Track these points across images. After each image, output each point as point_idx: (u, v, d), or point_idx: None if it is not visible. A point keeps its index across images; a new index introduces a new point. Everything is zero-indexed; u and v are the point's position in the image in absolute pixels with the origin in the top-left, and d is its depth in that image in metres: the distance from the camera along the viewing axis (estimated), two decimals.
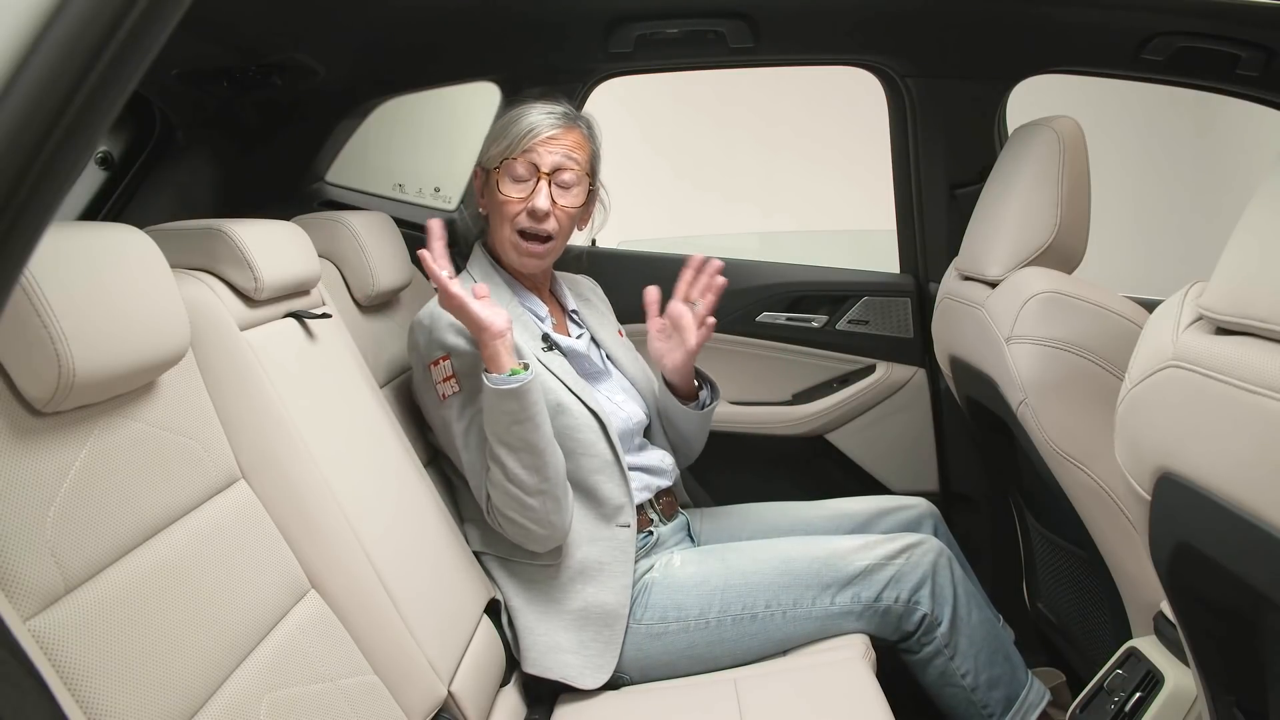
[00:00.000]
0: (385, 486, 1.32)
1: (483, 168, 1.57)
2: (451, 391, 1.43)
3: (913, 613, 1.45)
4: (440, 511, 1.44)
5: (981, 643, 1.47)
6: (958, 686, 1.45)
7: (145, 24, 0.51)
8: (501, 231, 1.53)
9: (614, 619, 1.45)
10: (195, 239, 1.18)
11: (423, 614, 1.22)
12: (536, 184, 1.50)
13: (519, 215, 1.51)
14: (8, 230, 0.50)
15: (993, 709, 1.46)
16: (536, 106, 1.55)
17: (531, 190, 1.50)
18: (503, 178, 1.51)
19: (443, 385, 1.43)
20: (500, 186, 1.51)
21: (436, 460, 1.59)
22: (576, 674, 1.43)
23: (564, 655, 1.44)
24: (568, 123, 1.54)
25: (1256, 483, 0.65)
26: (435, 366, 1.43)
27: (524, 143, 1.50)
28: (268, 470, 1.11)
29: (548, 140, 1.51)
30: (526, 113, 1.53)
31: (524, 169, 1.50)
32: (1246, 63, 1.80)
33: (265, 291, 1.20)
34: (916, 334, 2.09)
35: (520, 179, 1.51)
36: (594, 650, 1.44)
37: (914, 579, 1.45)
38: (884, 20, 1.91)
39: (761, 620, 1.45)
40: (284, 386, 1.17)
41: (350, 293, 1.59)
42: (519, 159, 1.50)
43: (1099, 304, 1.35)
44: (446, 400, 1.43)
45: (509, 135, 1.52)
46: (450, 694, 1.23)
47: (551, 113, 1.53)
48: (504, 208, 1.51)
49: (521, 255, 1.54)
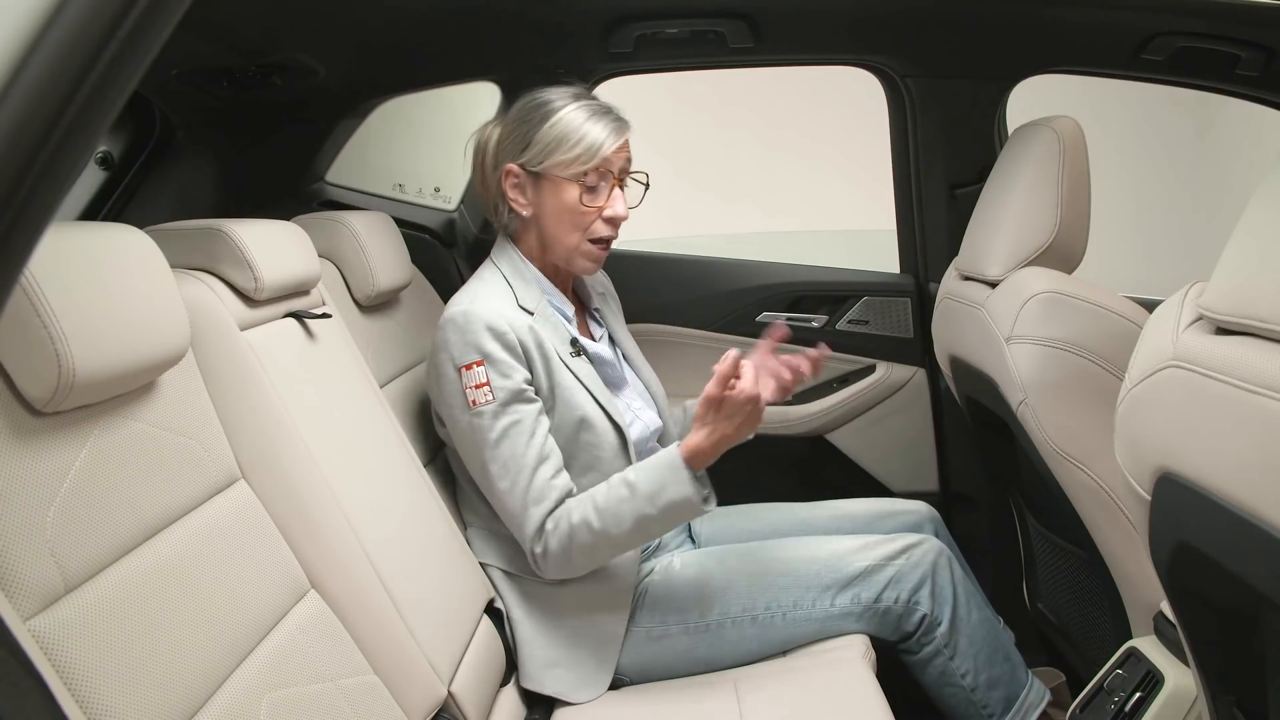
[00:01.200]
0: (386, 486, 1.32)
1: (528, 169, 1.47)
2: (484, 400, 1.37)
3: (913, 613, 1.45)
4: (441, 511, 1.44)
5: (981, 643, 1.46)
6: (957, 686, 1.45)
7: (145, 24, 0.51)
8: (567, 239, 1.47)
9: (610, 638, 1.45)
10: (195, 239, 1.18)
11: (423, 614, 1.22)
12: (610, 191, 1.47)
13: (595, 224, 1.46)
14: (8, 230, 0.50)
15: (993, 709, 1.46)
16: (589, 105, 1.47)
17: (606, 198, 1.47)
18: (579, 189, 1.44)
19: (475, 391, 1.37)
20: (583, 198, 1.45)
21: (436, 460, 1.59)
22: (569, 689, 1.43)
23: (558, 670, 1.44)
24: (624, 122, 1.49)
25: (1256, 482, 0.65)
26: (468, 370, 1.38)
27: (603, 152, 1.43)
28: (268, 470, 1.11)
29: (619, 144, 1.46)
30: (589, 117, 1.45)
31: (598, 177, 1.45)
32: (1246, 63, 1.80)
33: (265, 291, 1.20)
34: (916, 334, 2.09)
35: (595, 188, 1.46)
36: (589, 667, 1.44)
37: (914, 579, 1.45)
38: (884, 20, 1.90)
39: (761, 622, 1.45)
40: (284, 386, 1.17)
41: (350, 293, 1.59)
42: (596, 170, 1.44)
43: (1099, 304, 1.35)
44: (476, 407, 1.38)
45: (580, 146, 1.43)
46: (450, 694, 1.23)
47: (610, 113, 1.47)
48: (580, 218, 1.46)
49: (592, 260, 1.50)
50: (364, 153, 2.18)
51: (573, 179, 1.44)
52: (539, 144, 1.45)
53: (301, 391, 1.21)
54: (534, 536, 1.38)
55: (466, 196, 2.21)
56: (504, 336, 1.38)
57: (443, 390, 1.42)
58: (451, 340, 1.39)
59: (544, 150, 1.45)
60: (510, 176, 1.48)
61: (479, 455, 1.40)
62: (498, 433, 1.37)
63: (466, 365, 1.38)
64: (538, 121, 1.46)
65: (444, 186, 2.33)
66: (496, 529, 1.47)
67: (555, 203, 1.46)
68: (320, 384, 1.28)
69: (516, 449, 1.37)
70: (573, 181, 1.44)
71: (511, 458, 1.37)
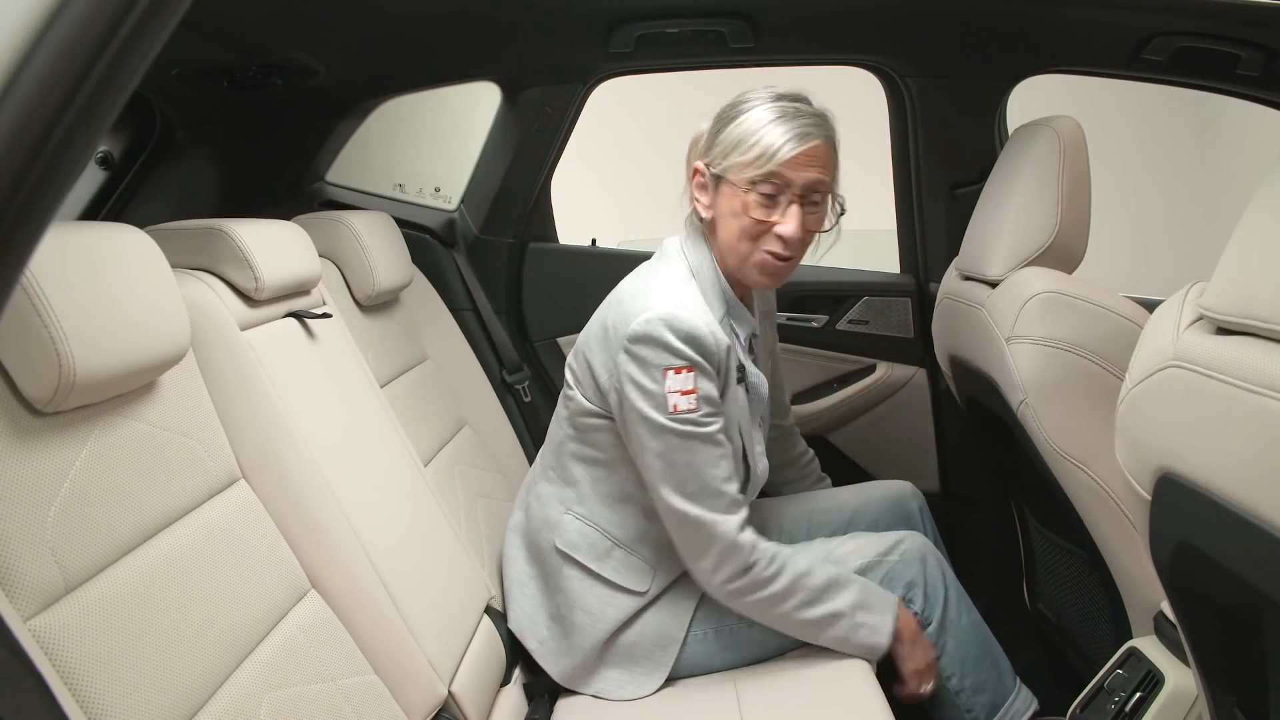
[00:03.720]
0: (386, 487, 1.32)
1: (709, 170, 1.39)
2: (688, 407, 1.31)
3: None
4: (440, 511, 1.44)
5: (969, 646, 1.47)
6: (942, 688, 1.45)
7: (147, 23, 0.51)
8: (739, 247, 1.37)
9: (670, 641, 1.44)
10: (196, 239, 1.18)
11: (423, 613, 1.22)
12: (787, 206, 1.35)
13: (766, 236, 1.36)
14: (9, 230, 0.50)
15: (977, 714, 1.46)
16: (779, 107, 1.34)
17: (781, 212, 1.35)
18: (749, 197, 1.34)
19: (680, 397, 1.30)
20: (748, 209, 1.34)
21: (435, 460, 1.59)
22: (614, 689, 1.43)
23: (610, 671, 1.43)
24: (821, 128, 1.35)
25: (1257, 482, 0.65)
26: (678, 375, 1.31)
27: (776, 160, 1.31)
28: (268, 470, 1.11)
29: (800, 155, 1.32)
30: (774, 119, 1.33)
31: (772, 187, 1.34)
32: (1246, 63, 1.80)
33: (266, 291, 1.20)
34: (917, 334, 2.09)
35: (773, 199, 1.34)
36: (644, 669, 1.43)
37: (906, 576, 1.46)
38: (884, 20, 1.90)
39: (760, 627, 1.44)
40: (284, 386, 1.17)
41: (351, 292, 1.59)
42: (767, 178, 1.33)
43: (1099, 304, 1.35)
44: (679, 412, 1.31)
45: (756, 147, 1.32)
46: (451, 694, 1.23)
47: (801, 117, 1.34)
48: (751, 227, 1.36)
49: (763, 274, 1.40)
50: (364, 153, 2.18)
51: (746, 185, 1.34)
52: (721, 144, 1.37)
53: (302, 391, 1.21)
54: (727, 551, 1.34)
55: (467, 196, 2.21)
56: (709, 351, 1.32)
57: (636, 389, 1.33)
58: (659, 336, 1.31)
59: (723, 151, 1.36)
60: (696, 175, 1.42)
61: (672, 460, 1.33)
62: (700, 439, 1.32)
63: (676, 369, 1.31)
64: (726, 120, 1.38)
65: (444, 186, 2.33)
66: (597, 521, 1.45)
67: (728, 208, 1.37)
68: (321, 384, 1.28)
69: (711, 457, 1.33)
70: (747, 189, 1.34)
71: (707, 461, 1.33)
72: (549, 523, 1.48)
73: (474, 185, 2.19)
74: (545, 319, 2.13)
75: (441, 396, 1.78)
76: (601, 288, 1.88)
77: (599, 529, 1.45)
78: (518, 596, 1.51)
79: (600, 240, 2.24)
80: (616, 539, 1.44)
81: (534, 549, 1.51)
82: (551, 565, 1.47)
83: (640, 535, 1.44)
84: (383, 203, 2.19)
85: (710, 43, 1.92)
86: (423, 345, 1.82)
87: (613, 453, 1.43)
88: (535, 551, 1.50)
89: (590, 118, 2.11)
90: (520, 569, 1.52)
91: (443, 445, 1.67)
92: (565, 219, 2.23)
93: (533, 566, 1.51)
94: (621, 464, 1.43)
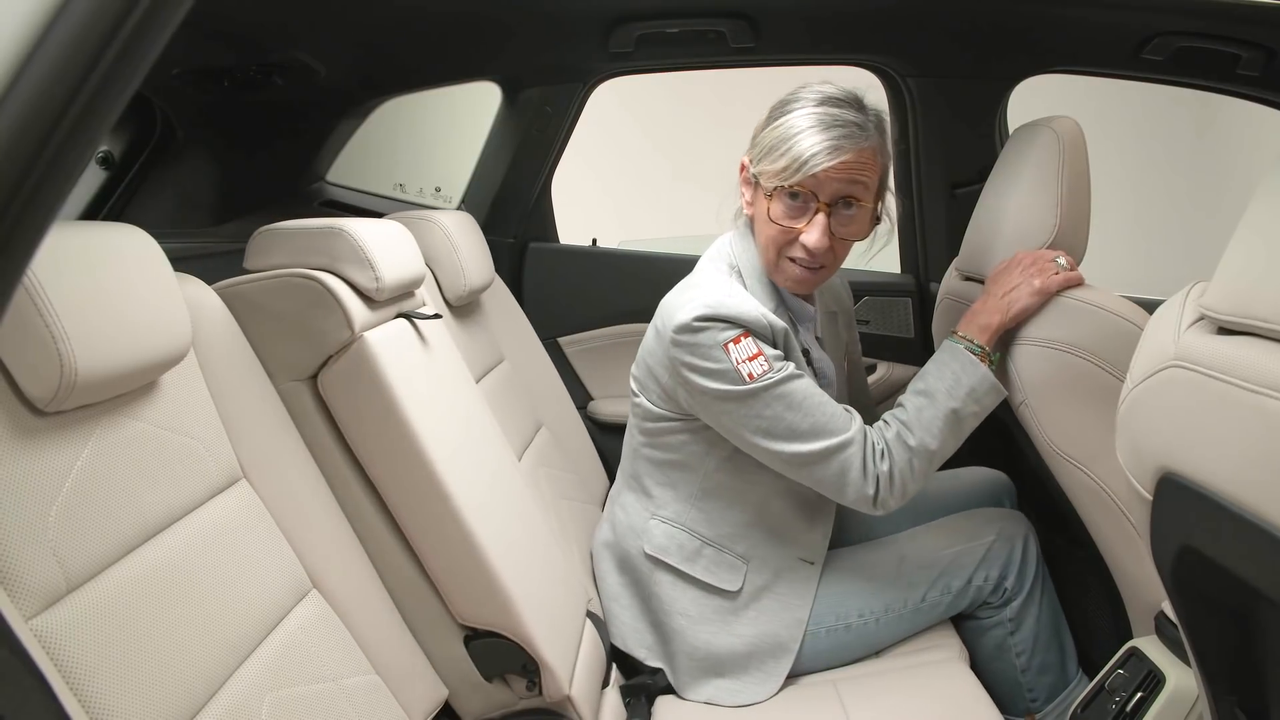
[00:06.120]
0: (497, 489, 1.31)
1: (751, 168, 1.37)
2: (762, 369, 1.28)
3: (998, 587, 1.47)
4: (540, 514, 1.42)
5: (1044, 626, 1.48)
6: (1008, 663, 1.47)
7: (148, 24, 0.51)
8: (767, 251, 1.37)
9: (783, 651, 1.42)
10: (314, 238, 1.16)
11: (537, 612, 1.22)
12: (813, 215, 1.31)
13: (792, 244, 1.34)
14: (11, 230, 0.50)
15: (1037, 694, 1.47)
16: (819, 114, 1.29)
17: (808, 220, 1.31)
18: (774, 203, 1.32)
19: (750, 363, 1.28)
20: (771, 213, 1.32)
21: (522, 461, 1.57)
22: (727, 695, 1.41)
23: (721, 680, 1.42)
24: (859, 139, 1.29)
25: (1258, 483, 0.65)
26: (737, 344, 1.28)
27: (804, 172, 1.27)
28: (269, 470, 1.11)
29: (833, 166, 1.28)
30: (810, 127, 1.28)
31: (799, 195, 1.31)
32: (1246, 63, 1.80)
33: (386, 292, 1.18)
34: (917, 334, 2.09)
35: (793, 205, 1.32)
36: (755, 677, 1.42)
37: (1003, 555, 1.48)
38: (885, 20, 1.91)
39: (856, 630, 1.44)
40: (405, 391, 1.16)
41: (441, 292, 1.57)
42: (793, 187, 1.30)
43: (1099, 305, 1.35)
44: (756, 379, 1.28)
45: (787, 156, 1.28)
46: (569, 698, 1.23)
47: (839, 127, 1.28)
48: (778, 233, 1.34)
49: (787, 280, 1.38)
50: (364, 153, 2.18)
51: (774, 192, 1.32)
52: (759, 145, 1.35)
53: (420, 394, 1.20)
54: (869, 456, 1.31)
55: (467, 196, 2.21)
56: (760, 326, 1.31)
57: (709, 382, 1.31)
58: (707, 323, 1.30)
59: (760, 153, 1.34)
60: (743, 171, 1.40)
61: (769, 430, 1.31)
62: (785, 384, 1.30)
63: (734, 340, 1.29)
64: (771, 119, 1.35)
65: (444, 186, 2.33)
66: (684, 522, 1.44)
67: (761, 211, 1.36)
68: (434, 387, 1.27)
69: (803, 392, 1.30)
70: (773, 194, 1.32)
71: (805, 400, 1.30)
72: (635, 530, 1.48)
73: (474, 185, 2.20)
74: (546, 319, 2.13)
75: (521, 397, 1.78)
76: (602, 288, 1.88)
77: (686, 529, 1.44)
78: (616, 611, 1.50)
79: (600, 240, 2.25)
80: (705, 537, 1.44)
81: (624, 559, 1.50)
82: (643, 571, 1.47)
83: (728, 531, 1.44)
84: (383, 203, 2.20)
85: (710, 43, 1.92)
86: (502, 345, 1.82)
87: (686, 451, 1.43)
88: (625, 562, 1.50)
89: (590, 118, 2.11)
90: (613, 582, 1.52)
91: (526, 446, 1.67)
92: (565, 219, 2.23)
93: (624, 576, 1.51)
94: (698, 461, 1.43)
